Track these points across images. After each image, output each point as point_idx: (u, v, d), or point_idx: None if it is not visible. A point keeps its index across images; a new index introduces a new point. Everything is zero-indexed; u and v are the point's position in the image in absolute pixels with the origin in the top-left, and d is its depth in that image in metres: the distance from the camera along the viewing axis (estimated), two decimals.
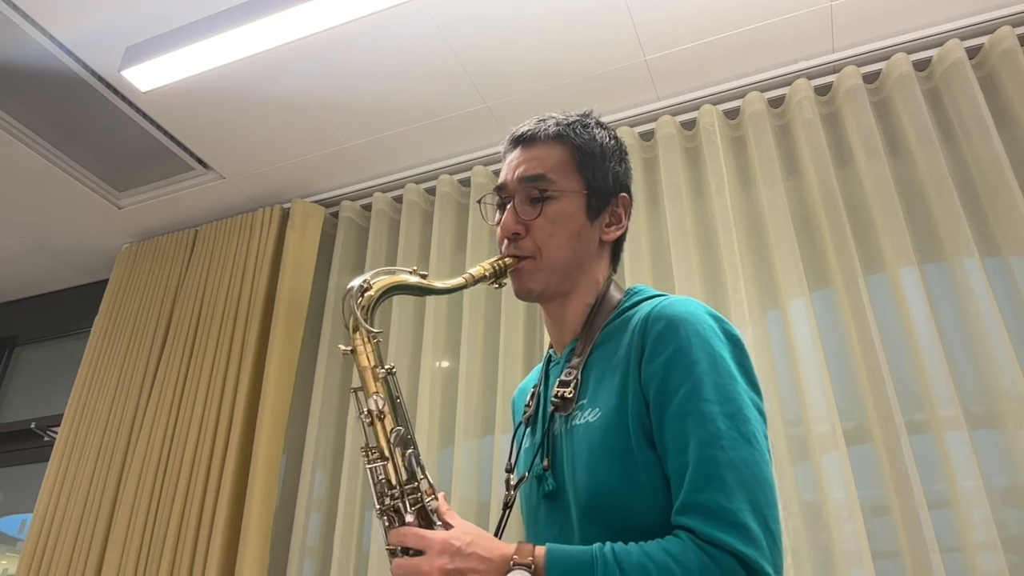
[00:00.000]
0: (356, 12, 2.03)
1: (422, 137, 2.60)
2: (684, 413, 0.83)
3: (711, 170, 2.26)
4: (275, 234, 2.79)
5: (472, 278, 0.98)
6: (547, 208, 1.00)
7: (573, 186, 1.02)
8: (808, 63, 2.29)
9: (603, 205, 1.04)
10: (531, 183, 1.01)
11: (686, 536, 0.78)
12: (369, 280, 0.95)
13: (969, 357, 1.84)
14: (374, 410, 0.90)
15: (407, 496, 0.87)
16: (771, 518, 0.78)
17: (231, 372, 2.55)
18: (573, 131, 1.04)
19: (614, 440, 0.88)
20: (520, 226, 1.01)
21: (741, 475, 0.79)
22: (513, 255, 1.01)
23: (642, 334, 0.90)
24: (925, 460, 1.76)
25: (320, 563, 2.39)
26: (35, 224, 3.07)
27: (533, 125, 1.06)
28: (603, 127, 1.08)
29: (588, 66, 2.31)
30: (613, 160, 1.06)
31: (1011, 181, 1.90)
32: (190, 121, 2.53)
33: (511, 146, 1.08)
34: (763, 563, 0.75)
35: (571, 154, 1.03)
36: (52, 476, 2.68)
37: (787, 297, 2.03)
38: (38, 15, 2.12)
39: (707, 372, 0.85)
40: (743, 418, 0.83)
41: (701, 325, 0.89)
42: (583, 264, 1.03)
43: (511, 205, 1.02)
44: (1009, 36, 2.07)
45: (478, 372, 2.33)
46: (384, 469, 0.89)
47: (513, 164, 1.05)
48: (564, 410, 0.95)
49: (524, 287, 1.02)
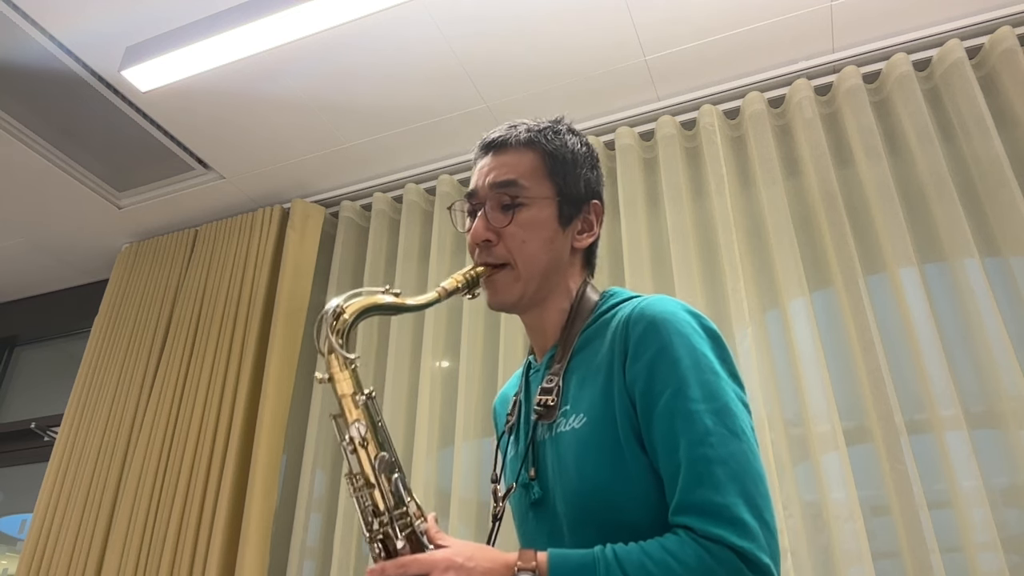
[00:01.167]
0: (356, 12, 2.03)
1: (422, 137, 2.60)
2: (672, 413, 0.84)
3: (711, 170, 2.26)
4: (275, 234, 2.79)
5: (445, 291, 0.97)
6: (519, 215, 0.99)
7: (544, 192, 1.01)
8: (808, 63, 2.29)
9: (575, 212, 1.03)
10: (502, 189, 1.00)
11: (684, 533, 0.79)
12: (342, 304, 0.93)
13: (969, 357, 1.84)
14: (356, 438, 0.89)
15: (396, 522, 0.86)
16: (764, 509, 0.79)
17: (231, 372, 2.55)
18: (544, 137, 1.03)
19: (602, 442, 0.88)
20: (491, 233, 0.99)
21: (732, 470, 0.80)
22: (486, 263, 1.00)
23: (624, 335, 0.91)
24: (925, 460, 1.76)
25: (320, 563, 2.39)
26: (35, 224, 3.07)
27: (504, 131, 1.04)
28: (575, 133, 1.07)
29: (588, 66, 2.31)
30: (585, 167, 1.05)
31: (1011, 181, 1.90)
32: (190, 121, 2.53)
33: (481, 152, 1.06)
34: (760, 555, 0.77)
35: (542, 160, 1.02)
36: (52, 476, 2.68)
37: (787, 297, 2.03)
38: (38, 15, 2.12)
39: (691, 369, 0.85)
40: (729, 413, 0.84)
41: (681, 323, 0.89)
42: (556, 271, 1.02)
43: (482, 212, 1.01)
44: (1009, 36, 2.07)
45: (478, 372, 2.33)
46: (371, 496, 0.88)
47: (484, 170, 1.03)
48: (548, 418, 0.95)
49: (498, 299, 1.01)
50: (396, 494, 0.87)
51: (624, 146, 2.43)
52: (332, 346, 0.91)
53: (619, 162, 2.41)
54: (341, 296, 0.95)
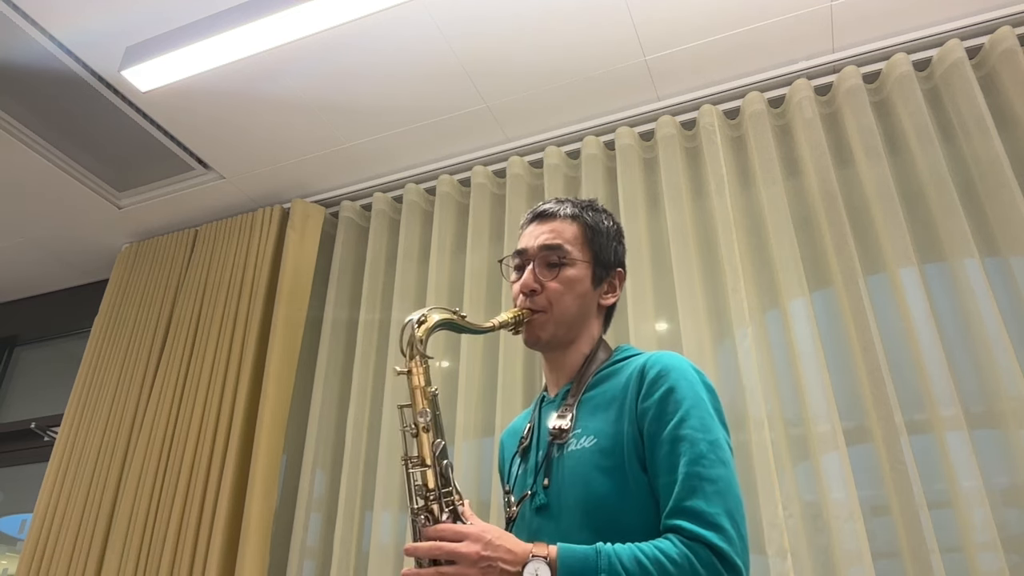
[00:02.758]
0: (356, 12, 2.03)
1: (422, 137, 2.60)
2: (675, 439, 1.02)
3: (711, 170, 2.26)
4: (275, 234, 2.79)
5: (499, 323, 1.18)
6: (562, 272, 1.21)
7: (584, 257, 1.23)
8: (808, 63, 2.29)
9: (604, 276, 1.26)
10: (551, 251, 1.22)
11: (673, 536, 0.96)
12: (425, 314, 1.14)
13: (969, 357, 1.84)
14: (422, 423, 1.07)
15: (443, 499, 1.04)
16: (742, 525, 0.97)
17: (231, 372, 2.55)
18: (586, 213, 1.27)
19: (609, 460, 1.06)
20: (538, 284, 1.21)
21: (719, 488, 0.98)
22: (529, 308, 1.20)
23: (640, 377, 1.10)
24: (925, 460, 1.76)
25: (320, 563, 2.39)
26: (35, 224, 3.07)
27: (553, 205, 1.28)
28: (607, 212, 1.31)
29: (588, 66, 2.31)
30: (615, 240, 1.29)
31: (1011, 181, 1.90)
32: (190, 121, 2.53)
33: (531, 219, 1.29)
34: (735, 557, 0.93)
35: (583, 231, 1.25)
36: (52, 476, 2.68)
37: (787, 297, 2.03)
38: (38, 15, 2.12)
39: (693, 407, 1.05)
40: (720, 446, 1.02)
41: (687, 372, 1.10)
42: (584, 321, 1.23)
43: (531, 267, 1.22)
44: (1009, 36, 2.07)
45: (478, 372, 2.33)
46: (423, 475, 1.05)
47: (534, 233, 1.26)
48: (560, 439, 1.14)
49: (534, 335, 1.21)
50: (444, 476, 1.05)
51: (624, 146, 2.43)
52: (414, 346, 1.12)
53: (619, 162, 2.41)
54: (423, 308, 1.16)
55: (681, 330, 2.08)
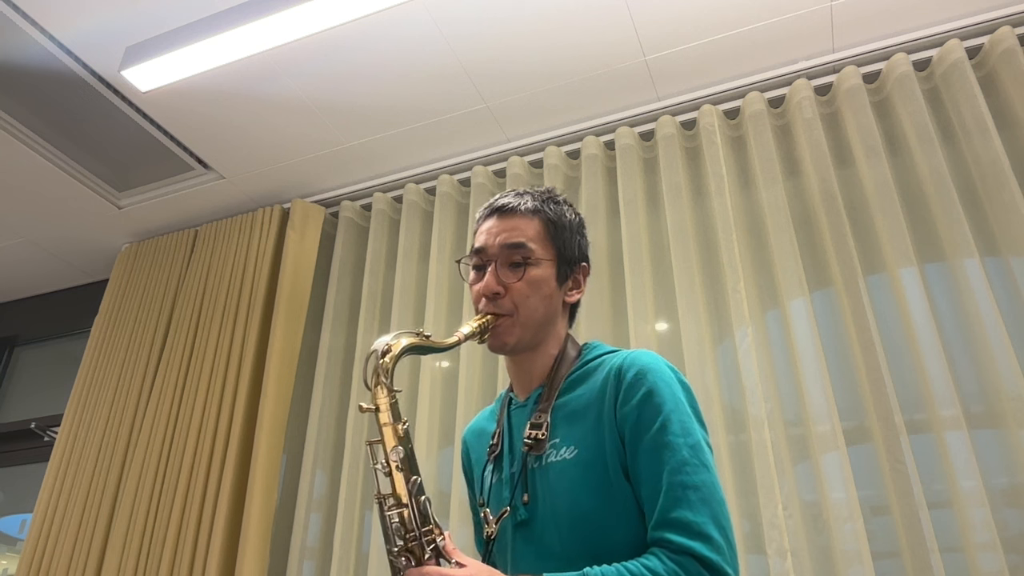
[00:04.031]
0: (356, 12, 2.03)
1: (422, 137, 2.60)
2: (656, 446, 0.99)
3: (711, 170, 2.26)
4: (275, 234, 2.79)
5: (463, 336, 1.10)
6: (528, 273, 1.13)
7: (547, 255, 1.16)
8: (808, 63, 2.29)
9: (569, 272, 1.19)
10: (514, 250, 1.14)
11: (660, 551, 0.93)
12: (389, 343, 1.05)
13: (969, 357, 1.84)
14: (395, 461, 1.00)
15: (424, 538, 0.98)
16: (728, 530, 0.95)
17: (231, 372, 2.55)
18: (547, 207, 1.19)
19: (592, 472, 1.02)
20: (501, 287, 1.13)
21: (703, 495, 0.95)
22: (493, 312, 1.13)
23: (617, 380, 1.06)
24: (925, 460, 1.76)
25: (320, 563, 2.39)
26: (35, 224, 3.08)
27: (511, 198, 1.19)
28: (568, 204, 1.24)
29: (588, 66, 2.31)
30: (578, 234, 1.22)
31: (1011, 181, 1.90)
32: (190, 121, 2.53)
33: (488, 214, 1.20)
34: (725, 566, 0.91)
35: (545, 227, 1.17)
36: (52, 476, 2.68)
37: (787, 297, 2.03)
38: (38, 15, 2.12)
39: (672, 411, 1.01)
40: (701, 449, 1.00)
41: (664, 373, 1.05)
42: (551, 322, 1.17)
43: (492, 267, 1.14)
44: (1009, 36, 2.07)
45: (478, 372, 2.33)
46: (400, 515, 0.99)
47: (493, 231, 1.17)
48: (538, 450, 1.08)
49: (500, 341, 1.13)
50: (423, 513, 0.99)
51: (624, 146, 2.43)
52: (379, 378, 1.03)
53: (619, 162, 2.41)
54: (386, 336, 1.07)
55: (681, 330, 2.08)
